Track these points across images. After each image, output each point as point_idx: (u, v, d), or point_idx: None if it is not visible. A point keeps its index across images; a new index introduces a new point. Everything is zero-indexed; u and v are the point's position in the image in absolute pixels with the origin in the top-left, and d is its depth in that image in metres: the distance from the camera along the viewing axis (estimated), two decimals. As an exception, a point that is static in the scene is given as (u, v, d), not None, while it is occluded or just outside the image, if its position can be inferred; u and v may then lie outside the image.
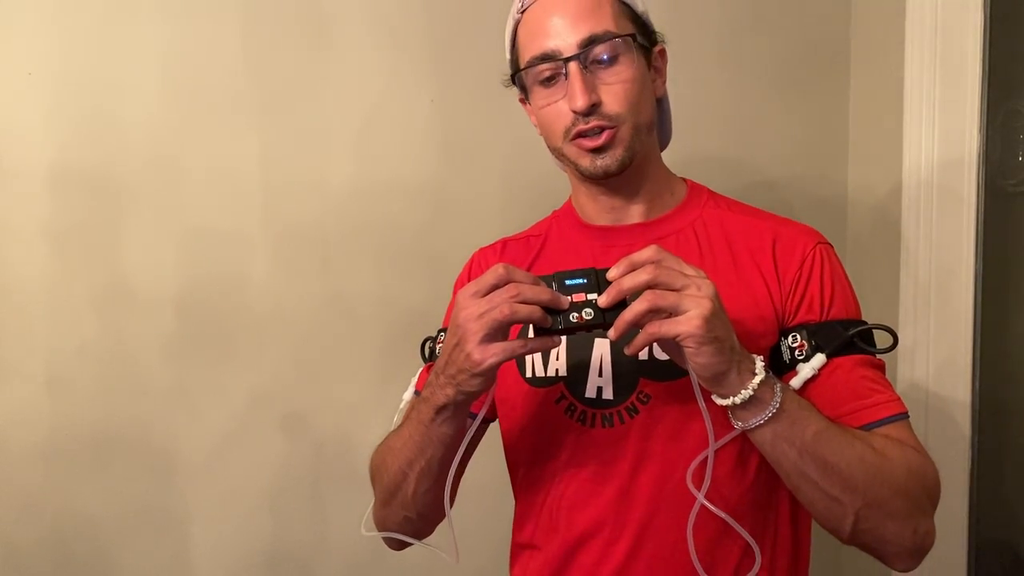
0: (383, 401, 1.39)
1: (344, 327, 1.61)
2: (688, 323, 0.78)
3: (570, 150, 0.98)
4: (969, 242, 1.48)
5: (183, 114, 1.53)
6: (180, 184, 1.54)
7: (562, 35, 0.94)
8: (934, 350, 1.53)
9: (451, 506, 0.97)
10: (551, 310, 0.82)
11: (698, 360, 0.81)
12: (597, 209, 1.05)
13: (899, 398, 0.93)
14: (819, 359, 0.92)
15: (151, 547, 1.57)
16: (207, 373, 1.57)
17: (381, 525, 1.04)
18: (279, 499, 1.61)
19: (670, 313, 0.79)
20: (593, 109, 0.93)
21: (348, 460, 1.61)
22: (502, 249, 1.12)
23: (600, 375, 0.97)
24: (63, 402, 1.52)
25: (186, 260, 1.55)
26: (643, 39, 0.98)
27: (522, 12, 0.98)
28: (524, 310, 0.81)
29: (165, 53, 1.52)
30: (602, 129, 0.95)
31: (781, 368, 0.95)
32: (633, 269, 0.81)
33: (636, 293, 0.80)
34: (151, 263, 1.54)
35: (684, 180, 1.08)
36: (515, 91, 1.04)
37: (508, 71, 1.04)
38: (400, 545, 1.05)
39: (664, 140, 1.09)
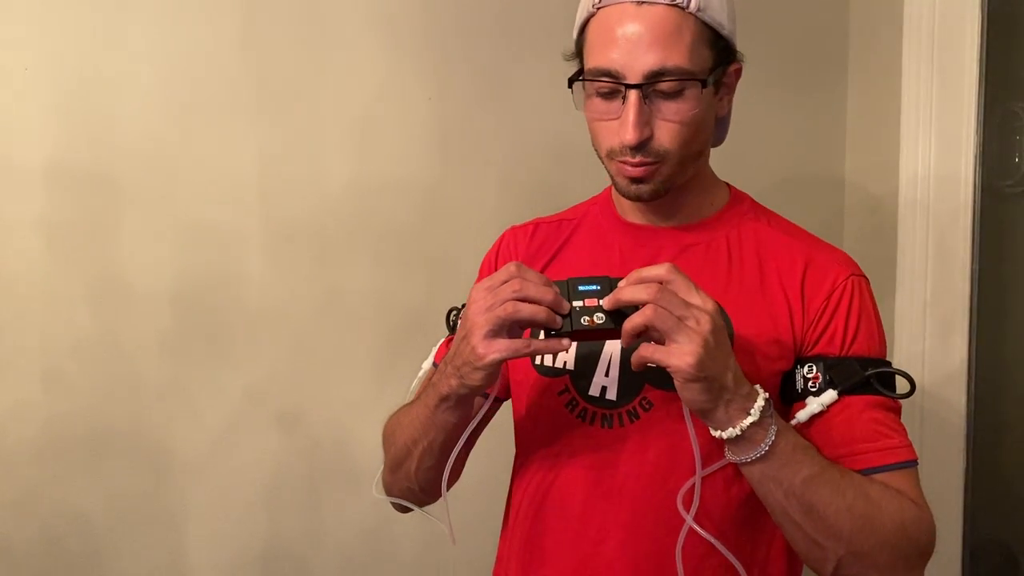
0: (380, 399, 1.39)
1: (341, 325, 1.60)
2: (679, 358, 0.78)
3: (611, 166, 0.95)
4: (966, 243, 1.49)
5: (180, 110, 1.52)
6: (177, 180, 1.53)
7: (631, 56, 0.88)
8: (930, 351, 1.54)
9: (455, 482, 0.97)
10: (565, 315, 0.82)
11: (684, 394, 0.81)
12: (633, 206, 1.02)
13: (909, 444, 0.91)
14: (830, 395, 0.90)
15: (146, 543, 1.57)
16: (203, 370, 1.56)
17: (388, 490, 1.08)
18: (275, 496, 1.60)
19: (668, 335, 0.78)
20: (643, 144, 0.90)
21: (344, 458, 1.60)
22: (533, 230, 1.10)
23: (607, 375, 0.97)
24: (58, 397, 1.51)
25: (182, 257, 1.54)
26: (717, 72, 0.92)
27: (598, 8, 0.91)
28: (528, 309, 0.81)
29: (162, 49, 1.51)
30: (645, 163, 0.92)
31: (792, 395, 0.94)
32: (640, 283, 0.80)
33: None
34: (147, 259, 1.53)
35: (728, 186, 1.06)
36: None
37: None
38: (404, 509, 1.08)
39: (718, 140, 1.05)
